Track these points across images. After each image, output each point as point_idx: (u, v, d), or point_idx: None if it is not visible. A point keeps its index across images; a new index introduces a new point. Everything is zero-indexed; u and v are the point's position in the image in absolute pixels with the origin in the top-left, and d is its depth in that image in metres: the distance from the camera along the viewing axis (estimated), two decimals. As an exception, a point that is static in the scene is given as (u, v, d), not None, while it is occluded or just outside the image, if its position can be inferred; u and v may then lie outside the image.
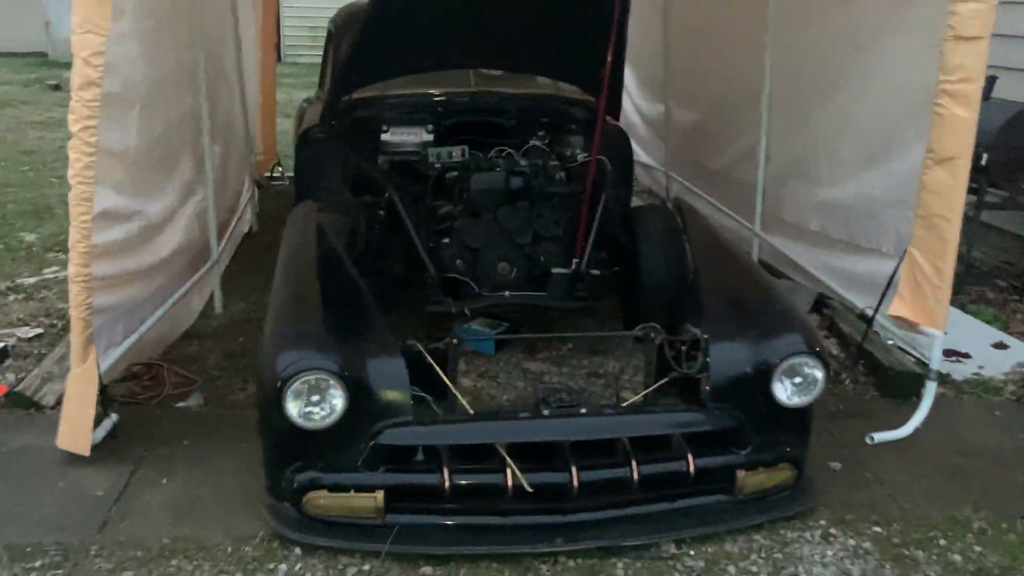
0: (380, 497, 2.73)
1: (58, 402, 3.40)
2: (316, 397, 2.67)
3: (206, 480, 3.11)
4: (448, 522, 2.79)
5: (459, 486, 2.74)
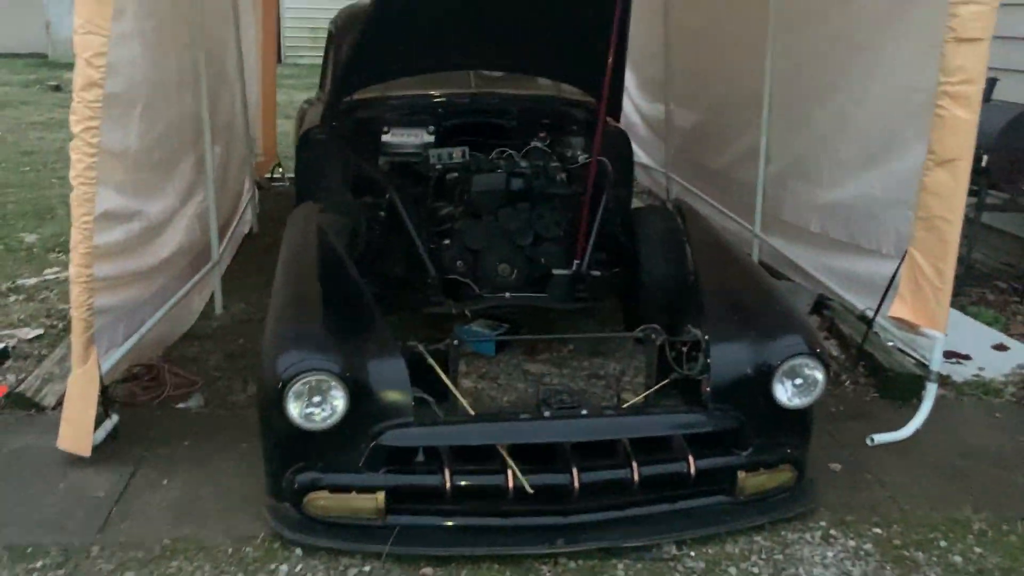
0: (381, 498, 2.73)
1: (59, 403, 3.41)
2: (317, 398, 2.67)
3: (207, 481, 3.11)
4: (449, 523, 2.79)
5: (460, 487, 2.74)
